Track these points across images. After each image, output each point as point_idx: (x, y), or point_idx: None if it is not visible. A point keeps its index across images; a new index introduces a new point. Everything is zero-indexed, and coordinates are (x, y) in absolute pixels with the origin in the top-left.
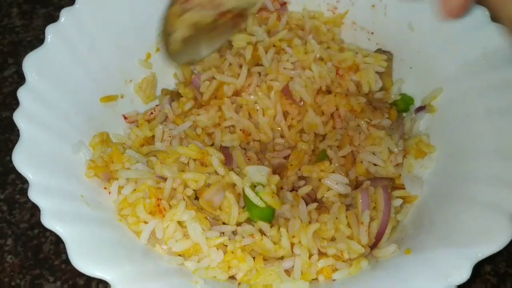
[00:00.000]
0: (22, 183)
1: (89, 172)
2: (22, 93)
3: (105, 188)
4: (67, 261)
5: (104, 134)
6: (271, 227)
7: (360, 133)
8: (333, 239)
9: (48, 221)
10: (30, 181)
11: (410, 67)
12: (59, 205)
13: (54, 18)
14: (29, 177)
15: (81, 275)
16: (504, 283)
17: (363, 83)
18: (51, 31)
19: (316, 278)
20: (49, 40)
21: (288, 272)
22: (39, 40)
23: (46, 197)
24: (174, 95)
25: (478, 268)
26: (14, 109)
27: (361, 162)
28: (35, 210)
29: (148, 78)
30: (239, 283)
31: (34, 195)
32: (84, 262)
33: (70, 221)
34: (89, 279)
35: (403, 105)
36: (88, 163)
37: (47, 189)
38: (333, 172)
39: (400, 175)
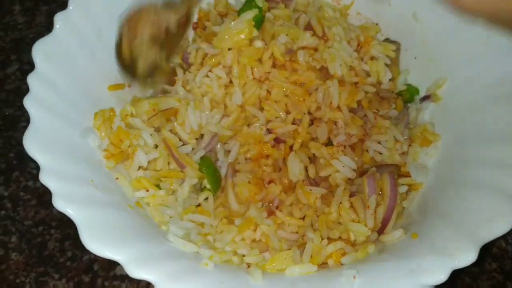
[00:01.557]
0: (26, 180)
1: (109, 163)
2: (31, 79)
3: (117, 178)
4: (72, 258)
5: (106, 111)
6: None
7: (366, 123)
8: (339, 223)
9: (60, 203)
10: (41, 165)
11: (415, 57)
12: (69, 188)
13: None
14: (40, 161)
15: (86, 272)
16: (510, 281)
17: (372, 72)
18: (59, 19)
19: (326, 262)
20: (57, 27)
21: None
22: (41, 37)
23: (57, 180)
24: None
25: (485, 266)
26: (17, 106)
27: (367, 150)
28: (39, 207)
29: None
30: (249, 266)
31: (45, 178)
32: (95, 243)
33: (81, 203)
34: (94, 276)
35: (408, 95)
36: (104, 154)
37: (58, 173)
38: (344, 154)
39: (405, 163)
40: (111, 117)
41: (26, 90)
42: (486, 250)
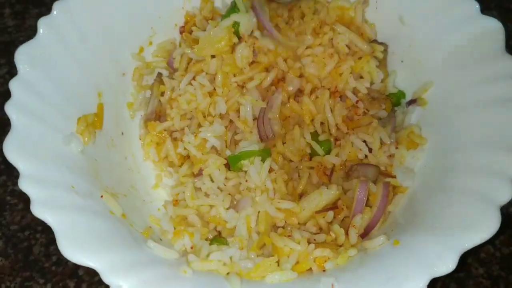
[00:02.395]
0: (13, 184)
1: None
2: (14, 85)
3: (101, 196)
4: (57, 263)
5: (89, 116)
6: None
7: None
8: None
9: (38, 210)
10: (20, 171)
11: (402, 61)
12: (49, 194)
13: None
14: (20, 167)
15: (71, 277)
16: (498, 286)
17: (364, 74)
18: (43, 24)
19: (310, 268)
20: (41, 32)
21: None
22: (28, 41)
23: (36, 187)
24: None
25: (471, 271)
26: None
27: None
28: (26, 212)
29: (140, 68)
30: (228, 273)
31: (24, 185)
32: (72, 251)
33: (60, 210)
34: (79, 281)
35: (395, 99)
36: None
37: (37, 179)
38: None
39: (392, 165)
40: (95, 122)
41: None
42: (474, 255)
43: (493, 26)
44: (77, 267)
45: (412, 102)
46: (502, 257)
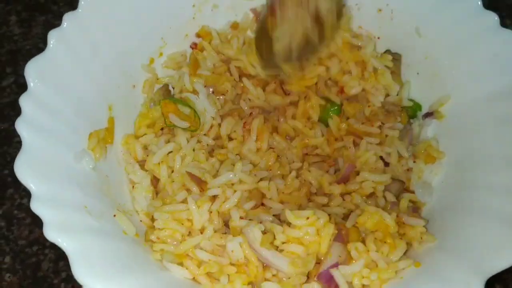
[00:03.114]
0: (20, 198)
1: None
2: (24, 100)
3: (114, 215)
4: (66, 280)
5: (101, 131)
6: None
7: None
8: None
9: (51, 233)
10: (32, 192)
11: (418, 73)
12: (62, 216)
13: (53, 26)
14: (32, 188)
15: None
16: None
17: (379, 88)
18: (53, 36)
19: None
20: (51, 45)
21: None
22: (38, 49)
23: (49, 209)
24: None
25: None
26: (12, 121)
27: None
28: (33, 226)
29: (150, 80)
30: None
31: (36, 207)
32: (87, 276)
33: (74, 233)
34: None
35: (411, 111)
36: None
37: (50, 200)
38: None
39: (410, 179)
40: (106, 137)
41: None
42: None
43: None
44: None
45: (429, 115)
46: None
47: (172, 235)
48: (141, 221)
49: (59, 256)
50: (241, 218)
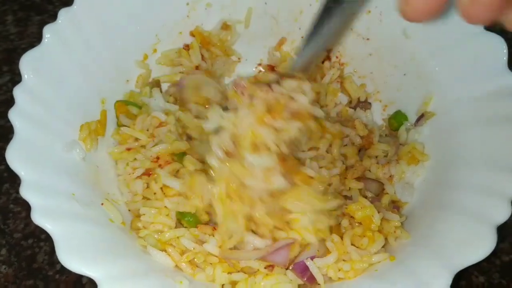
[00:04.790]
0: (16, 192)
1: None
2: (17, 92)
3: (102, 204)
4: (61, 272)
5: (92, 123)
6: None
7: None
8: None
9: (38, 218)
10: (22, 178)
11: (404, 74)
12: (49, 202)
13: None
14: (21, 174)
15: (75, 285)
16: None
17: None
18: (48, 31)
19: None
20: (46, 40)
21: None
22: (33, 48)
23: (37, 194)
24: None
25: (472, 280)
26: (8, 118)
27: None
28: (29, 219)
29: (144, 75)
30: (223, 285)
31: (25, 192)
32: (71, 260)
33: (60, 218)
34: None
35: (396, 124)
36: None
37: (39, 187)
38: None
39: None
40: (98, 129)
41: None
42: (474, 264)
43: (496, 42)
44: (81, 275)
45: (420, 118)
46: (502, 265)
47: (159, 227)
48: (129, 210)
49: (54, 249)
50: None
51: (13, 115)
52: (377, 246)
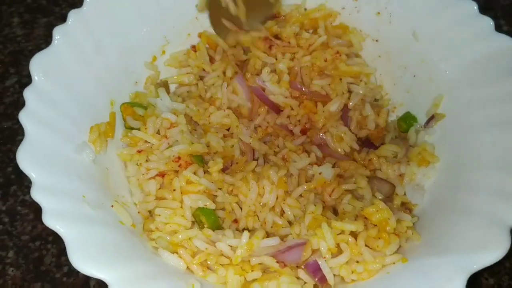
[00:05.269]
0: (23, 194)
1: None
2: (28, 93)
3: (111, 206)
4: (68, 274)
5: (102, 125)
6: None
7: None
8: None
9: (49, 220)
10: (33, 180)
11: (414, 76)
12: (60, 204)
13: None
14: (32, 176)
15: (83, 287)
16: None
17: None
18: (58, 33)
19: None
20: (56, 41)
21: None
22: (40, 50)
23: (48, 197)
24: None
25: (481, 281)
26: (16, 119)
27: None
28: (36, 222)
29: (152, 76)
30: None
31: (36, 194)
32: (82, 262)
33: (71, 220)
34: None
35: (405, 126)
36: None
37: (49, 189)
38: None
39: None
40: (107, 130)
41: (25, 103)
42: None
43: (507, 44)
44: (88, 278)
45: (430, 119)
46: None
47: (174, 227)
48: (138, 212)
49: (61, 251)
50: None
51: (24, 116)
52: (392, 248)
